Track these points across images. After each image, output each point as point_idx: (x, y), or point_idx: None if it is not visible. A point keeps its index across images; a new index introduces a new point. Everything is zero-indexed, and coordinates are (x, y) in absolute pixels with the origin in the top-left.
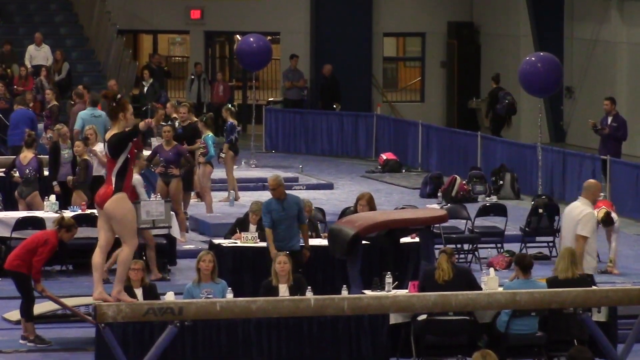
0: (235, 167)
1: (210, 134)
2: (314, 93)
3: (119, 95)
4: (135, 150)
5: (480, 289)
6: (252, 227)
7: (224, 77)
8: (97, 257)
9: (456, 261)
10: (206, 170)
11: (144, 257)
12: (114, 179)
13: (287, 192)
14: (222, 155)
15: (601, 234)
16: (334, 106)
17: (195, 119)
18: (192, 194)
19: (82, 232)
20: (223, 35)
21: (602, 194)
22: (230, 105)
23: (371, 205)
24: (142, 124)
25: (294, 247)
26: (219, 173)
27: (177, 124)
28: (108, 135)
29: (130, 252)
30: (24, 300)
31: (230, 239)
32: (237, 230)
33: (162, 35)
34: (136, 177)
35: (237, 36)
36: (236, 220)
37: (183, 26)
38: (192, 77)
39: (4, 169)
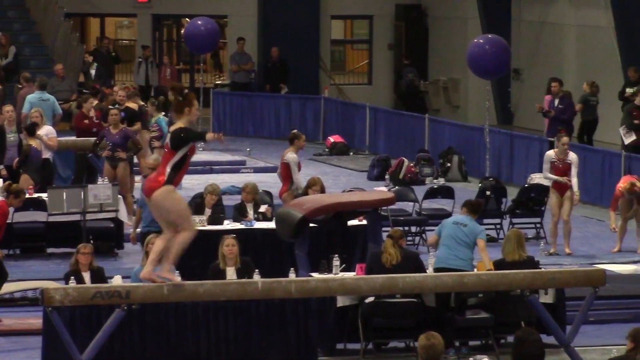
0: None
1: (162, 116)
2: (262, 76)
3: (185, 90)
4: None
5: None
6: (208, 211)
7: (171, 60)
8: (158, 240)
9: (405, 244)
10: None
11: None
12: (168, 170)
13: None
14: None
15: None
16: (281, 88)
17: (142, 103)
18: (140, 177)
19: (30, 216)
20: (171, 19)
21: None
22: None
23: (322, 191)
24: (209, 136)
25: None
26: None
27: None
28: (173, 127)
29: (190, 236)
30: None
31: None
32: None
33: (110, 18)
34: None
35: (187, 19)
36: (191, 204)
37: (130, 9)
38: (140, 60)
39: None
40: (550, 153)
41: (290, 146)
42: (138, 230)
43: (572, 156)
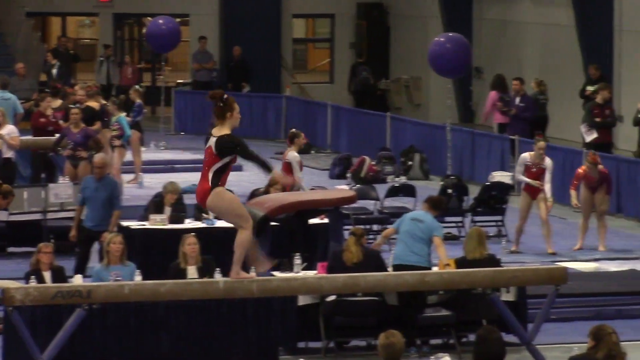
0: (143, 148)
1: (123, 115)
2: (223, 75)
3: (225, 95)
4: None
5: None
6: (168, 209)
7: (132, 59)
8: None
9: (366, 242)
10: (121, 152)
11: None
12: (211, 176)
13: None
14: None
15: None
16: (243, 87)
17: (104, 102)
18: None
19: None
20: (132, 18)
21: None
22: (138, 86)
23: (284, 190)
24: (275, 178)
25: (102, 228)
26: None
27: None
28: (219, 134)
29: (248, 234)
30: None
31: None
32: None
33: (71, 17)
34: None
35: (149, 18)
36: (151, 203)
37: (92, 9)
38: (102, 59)
39: None
40: (526, 155)
41: (291, 145)
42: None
43: (548, 162)
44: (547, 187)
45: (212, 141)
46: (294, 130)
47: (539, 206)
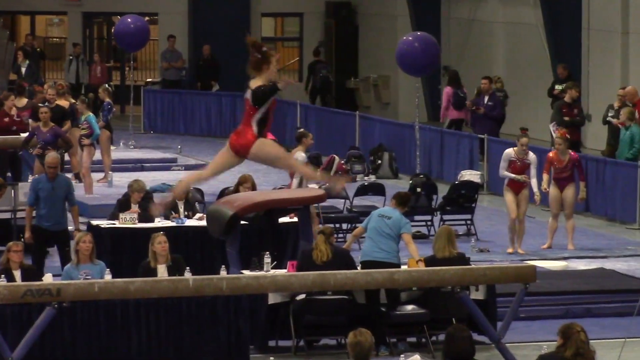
0: (112, 147)
1: (91, 114)
2: (193, 73)
3: (264, 47)
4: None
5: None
6: (134, 207)
7: (102, 58)
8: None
9: (335, 241)
10: (90, 151)
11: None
12: (255, 126)
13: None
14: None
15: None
16: (212, 85)
17: (74, 101)
18: (71, 175)
19: None
20: (101, 16)
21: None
22: (107, 85)
23: (254, 188)
24: (281, 85)
25: (60, 227)
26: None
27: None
28: (253, 84)
29: (299, 162)
30: None
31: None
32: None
33: (40, 16)
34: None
35: (119, 17)
36: (117, 202)
37: (61, 7)
38: (71, 58)
39: None
40: (510, 151)
41: (298, 145)
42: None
43: (532, 156)
44: (534, 181)
45: (249, 93)
46: (302, 130)
47: (519, 204)
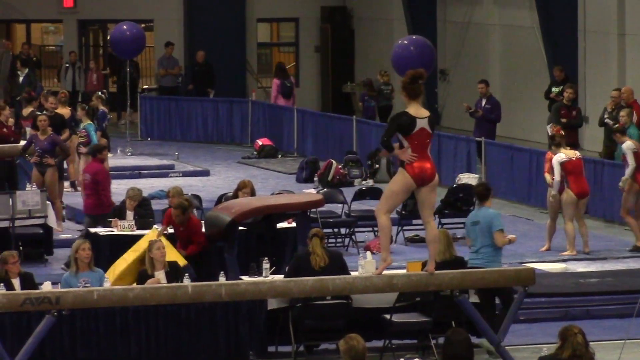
0: (109, 155)
1: (90, 122)
2: (189, 80)
3: (425, 75)
4: None
5: (349, 272)
6: (130, 214)
7: (97, 65)
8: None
9: (325, 244)
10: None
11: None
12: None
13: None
14: None
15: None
16: (208, 92)
17: (70, 108)
18: (66, 183)
19: None
20: (97, 24)
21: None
22: (100, 93)
23: (253, 193)
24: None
25: None
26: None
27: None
28: (422, 113)
29: None
30: None
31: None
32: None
33: (36, 24)
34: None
35: (113, 24)
36: (113, 209)
37: (56, 15)
38: (67, 65)
39: None
40: (561, 155)
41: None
42: None
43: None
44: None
45: (424, 122)
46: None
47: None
